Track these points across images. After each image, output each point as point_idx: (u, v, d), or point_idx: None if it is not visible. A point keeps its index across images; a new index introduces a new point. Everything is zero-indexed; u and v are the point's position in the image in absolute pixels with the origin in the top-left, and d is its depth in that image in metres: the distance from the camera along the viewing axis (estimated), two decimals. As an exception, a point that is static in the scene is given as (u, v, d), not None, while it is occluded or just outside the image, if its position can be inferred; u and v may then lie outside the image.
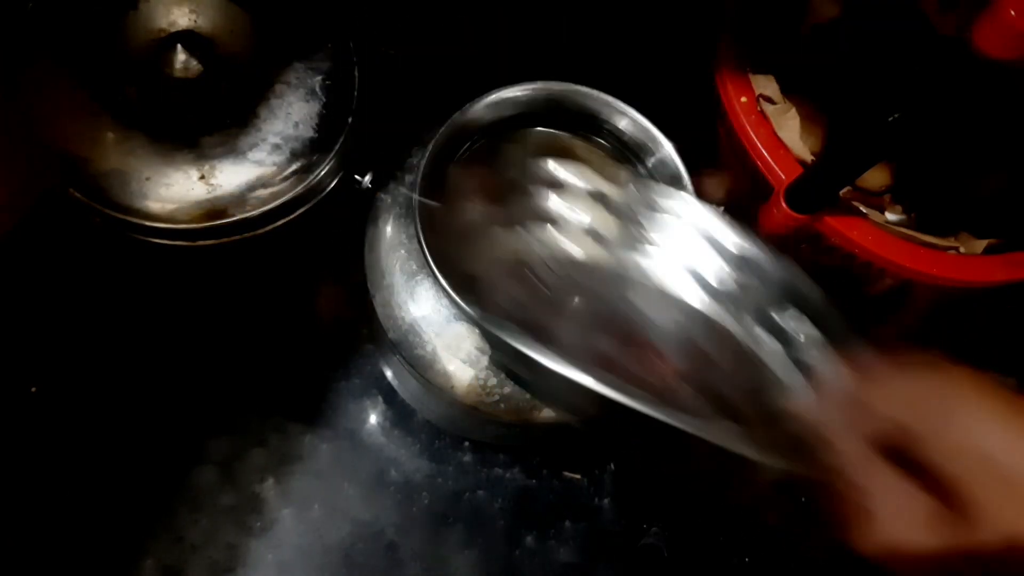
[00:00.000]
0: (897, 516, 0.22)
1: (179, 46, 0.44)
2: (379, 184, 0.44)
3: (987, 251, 0.43)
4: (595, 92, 0.41)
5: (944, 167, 0.47)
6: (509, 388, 0.39)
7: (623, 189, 0.39)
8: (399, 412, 0.51)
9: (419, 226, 0.36)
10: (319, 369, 0.51)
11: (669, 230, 0.37)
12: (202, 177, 0.43)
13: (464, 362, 0.39)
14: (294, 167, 0.45)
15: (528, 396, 0.40)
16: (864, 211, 0.43)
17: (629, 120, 0.41)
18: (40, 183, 0.42)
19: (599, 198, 0.39)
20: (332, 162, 0.46)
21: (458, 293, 0.34)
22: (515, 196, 0.39)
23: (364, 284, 0.42)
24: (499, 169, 0.41)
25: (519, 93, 0.41)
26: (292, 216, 0.46)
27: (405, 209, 0.41)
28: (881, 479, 0.23)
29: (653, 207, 0.37)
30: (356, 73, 0.48)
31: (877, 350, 0.27)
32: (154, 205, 0.42)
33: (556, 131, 0.43)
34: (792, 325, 0.34)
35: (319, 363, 0.51)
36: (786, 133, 0.43)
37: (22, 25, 0.43)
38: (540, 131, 0.43)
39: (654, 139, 0.41)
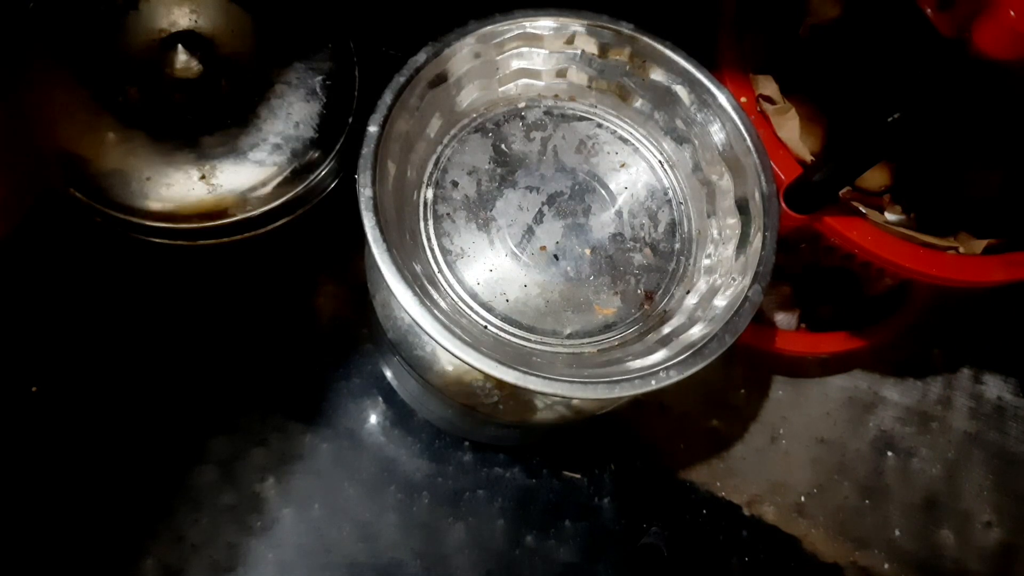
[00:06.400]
0: None
1: (180, 46, 0.44)
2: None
3: (986, 251, 0.43)
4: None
5: (944, 167, 0.47)
6: (508, 389, 0.39)
7: None
8: (399, 412, 0.51)
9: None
10: (319, 369, 0.51)
11: None
12: (203, 177, 0.43)
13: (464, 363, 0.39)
14: (295, 167, 0.45)
15: (527, 396, 0.40)
16: (864, 211, 0.43)
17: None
18: (40, 183, 0.42)
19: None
20: (333, 162, 0.46)
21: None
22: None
23: (364, 284, 0.42)
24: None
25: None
26: (292, 216, 0.46)
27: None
28: None
29: None
30: (356, 73, 0.48)
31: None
32: (155, 205, 0.42)
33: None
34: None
35: (319, 363, 0.51)
36: (786, 133, 0.43)
37: (22, 25, 0.43)
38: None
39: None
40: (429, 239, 0.35)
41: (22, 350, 0.47)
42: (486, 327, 0.34)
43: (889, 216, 0.46)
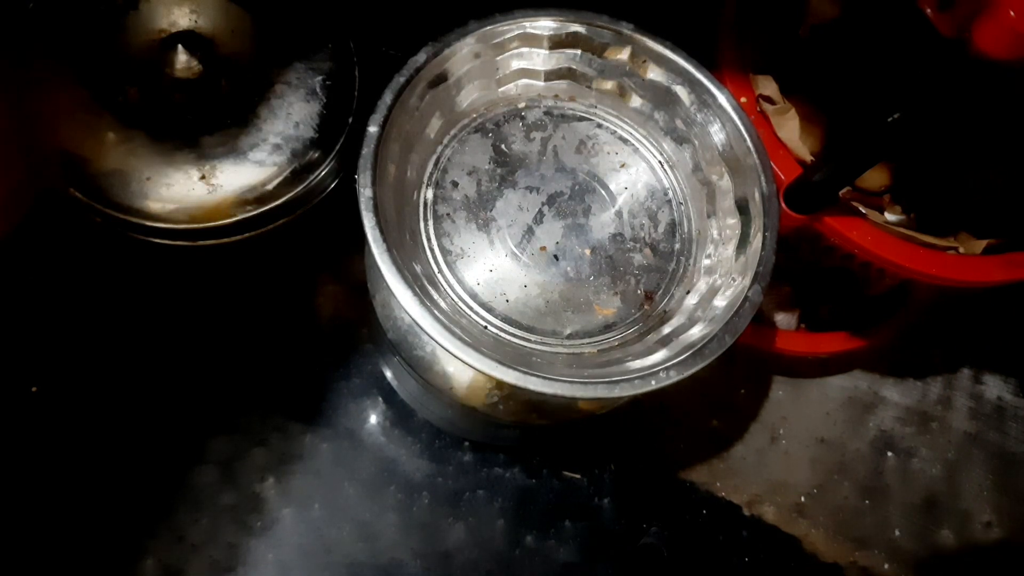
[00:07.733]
0: None
1: (180, 46, 0.44)
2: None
3: (986, 251, 0.43)
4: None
5: (944, 167, 0.47)
6: (508, 389, 0.39)
7: None
8: (399, 412, 0.51)
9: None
10: (319, 369, 0.51)
11: None
12: (203, 177, 0.43)
13: (463, 363, 0.39)
14: (295, 167, 0.45)
15: (527, 397, 0.40)
16: (864, 211, 0.43)
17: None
18: (40, 183, 0.42)
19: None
20: (333, 162, 0.46)
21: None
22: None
23: (364, 284, 0.42)
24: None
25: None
26: (292, 216, 0.46)
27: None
28: None
29: None
30: (356, 73, 0.48)
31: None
32: (155, 205, 0.42)
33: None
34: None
35: (319, 363, 0.51)
36: (786, 133, 0.43)
37: (22, 25, 0.43)
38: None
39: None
40: (429, 239, 0.35)
41: (22, 350, 0.47)
42: (486, 327, 0.34)
43: (889, 216, 0.46)
